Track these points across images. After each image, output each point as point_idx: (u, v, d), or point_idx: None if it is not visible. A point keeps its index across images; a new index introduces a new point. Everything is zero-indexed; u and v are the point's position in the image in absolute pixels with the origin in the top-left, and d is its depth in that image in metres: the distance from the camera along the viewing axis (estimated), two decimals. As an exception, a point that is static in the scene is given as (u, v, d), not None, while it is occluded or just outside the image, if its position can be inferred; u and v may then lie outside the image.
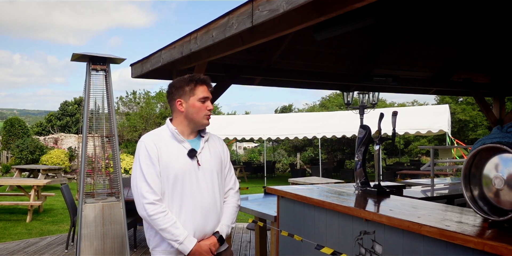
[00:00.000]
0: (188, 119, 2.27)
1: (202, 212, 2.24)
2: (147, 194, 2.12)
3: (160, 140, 2.23)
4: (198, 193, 2.24)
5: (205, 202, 2.25)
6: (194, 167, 2.24)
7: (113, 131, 4.27)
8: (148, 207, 2.11)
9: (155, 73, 4.66)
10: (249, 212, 4.21)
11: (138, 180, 2.16)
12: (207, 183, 2.28)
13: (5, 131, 21.60)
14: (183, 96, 2.26)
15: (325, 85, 5.95)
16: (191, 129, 2.30)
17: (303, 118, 18.67)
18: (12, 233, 7.52)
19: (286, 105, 49.64)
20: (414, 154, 23.35)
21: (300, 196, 3.18)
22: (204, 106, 2.27)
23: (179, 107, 2.26)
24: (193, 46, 3.14)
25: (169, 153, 2.20)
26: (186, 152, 2.23)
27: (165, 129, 2.30)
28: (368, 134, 3.48)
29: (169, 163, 2.19)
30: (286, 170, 22.97)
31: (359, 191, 3.42)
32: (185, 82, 2.27)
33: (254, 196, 5.00)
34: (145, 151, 2.18)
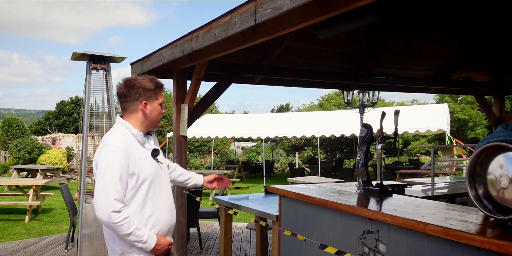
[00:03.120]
0: (148, 120, 2.34)
1: (170, 209, 2.40)
2: (115, 202, 2.13)
3: (129, 147, 2.24)
4: (165, 191, 2.39)
5: (170, 198, 2.42)
6: (158, 167, 2.35)
7: (114, 130, 4.25)
8: (114, 215, 2.12)
9: (156, 72, 4.62)
10: (250, 211, 4.19)
11: (109, 185, 2.15)
12: (166, 180, 2.44)
13: (3, 131, 21.53)
14: (149, 98, 2.30)
15: (325, 84, 5.94)
16: (146, 129, 2.38)
17: (301, 117, 18.66)
18: (11, 233, 7.49)
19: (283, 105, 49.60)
20: (413, 153, 23.38)
21: (302, 195, 3.16)
22: (161, 110, 2.40)
23: (144, 109, 2.30)
24: (194, 44, 3.12)
25: (139, 158, 2.25)
26: (149, 153, 2.31)
27: (127, 132, 2.29)
28: (370, 133, 3.47)
29: (142, 168, 2.24)
30: (285, 170, 22.96)
31: (361, 190, 3.41)
32: (152, 85, 2.32)
33: (254, 196, 4.98)
34: (120, 158, 2.18)
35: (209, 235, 7.01)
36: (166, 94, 27.64)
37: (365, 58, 5.61)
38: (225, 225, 4.60)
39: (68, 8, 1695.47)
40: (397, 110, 3.43)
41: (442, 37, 5.71)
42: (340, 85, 6.14)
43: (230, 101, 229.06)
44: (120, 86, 2.34)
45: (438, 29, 5.56)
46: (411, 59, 6.01)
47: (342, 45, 5.35)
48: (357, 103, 8.72)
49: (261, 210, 3.98)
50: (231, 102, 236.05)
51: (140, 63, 4.44)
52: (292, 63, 5.30)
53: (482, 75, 6.60)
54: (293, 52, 5.18)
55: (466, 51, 6.07)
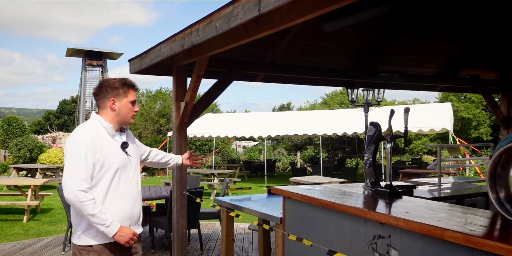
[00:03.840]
0: (118, 116, 2.55)
1: (133, 200, 2.55)
2: (82, 182, 2.31)
3: (98, 135, 2.45)
4: (130, 182, 2.55)
5: (135, 190, 2.58)
6: (127, 159, 2.54)
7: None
8: (80, 194, 2.29)
9: (155, 69, 4.48)
10: (253, 213, 4.04)
11: (76, 166, 2.33)
12: (134, 172, 2.61)
13: (3, 130, 21.41)
14: (117, 96, 2.53)
15: (329, 81, 5.78)
16: (119, 125, 2.58)
17: (303, 116, 18.49)
18: (9, 234, 7.36)
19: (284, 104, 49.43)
20: (415, 152, 23.19)
21: (308, 197, 3.01)
22: (132, 107, 2.59)
23: (112, 106, 2.52)
24: (194, 38, 2.96)
25: (107, 147, 2.45)
26: (119, 145, 2.52)
27: (98, 125, 2.50)
28: (378, 131, 3.33)
29: (108, 157, 2.42)
30: (286, 169, 22.81)
31: (369, 191, 3.26)
32: (119, 84, 2.54)
33: (257, 197, 4.83)
34: (87, 143, 2.37)
35: (210, 236, 6.86)
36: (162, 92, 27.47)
37: (370, 55, 5.45)
38: (226, 227, 4.45)
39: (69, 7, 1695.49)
40: (407, 108, 3.28)
41: (449, 34, 5.54)
42: (345, 82, 5.97)
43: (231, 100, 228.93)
44: (95, 86, 2.63)
45: (444, 26, 5.40)
46: (417, 56, 5.84)
47: (347, 41, 5.19)
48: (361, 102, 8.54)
49: (264, 212, 3.83)
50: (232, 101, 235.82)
51: (138, 59, 4.28)
52: (296, 60, 5.14)
53: (490, 72, 6.43)
54: (296, 49, 5.02)
55: (473, 48, 5.90)
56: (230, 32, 2.96)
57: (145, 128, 24.83)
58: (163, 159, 3.09)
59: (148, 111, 25.40)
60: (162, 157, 3.08)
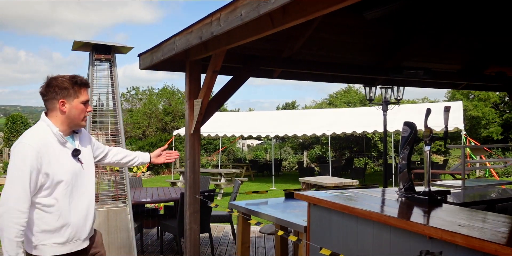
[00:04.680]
0: (69, 119, 2.33)
1: (85, 210, 2.40)
2: (19, 201, 2.13)
3: (45, 144, 2.23)
4: (83, 190, 2.39)
5: (88, 199, 2.43)
6: (79, 167, 2.36)
7: (119, 127, 3.83)
8: (14, 212, 2.11)
9: (166, 64, 4.20)
10: (271, 219, 3.76)
11: (16, 183, 2.15)
12: (89, 179, 2.45)
13: (7, 128, 21.23)
14: (67, 97, 2.30)
15: (349, 78, 5.47)
16: (70, 128, 2.37)
17: (311, 115, 18.19)
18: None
19: (288, 102, 49.12)
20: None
21: (339, 205, 2.72)
22: (85, 108, 2.36)
23: (61, 108, 2.30)
24: (215, 28, 2.67)
25: (57, 158, 2.25)
26: (70, 152, 2.33)
27: (47, 130, 2.29)
28: (414, 132, 3.04)
29: (58, 168, 2.25)
30: (293, 168, 22.51)
31: (402, 198, 2.97)
32: (69, 84, 2.30)
33: (274, 201, 4.54)
34: (31, 157, 2.17)
35: (220, 239, 6.58)
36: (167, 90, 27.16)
37: (393, 51, 5.14)
38: (242, 233, 4.17)
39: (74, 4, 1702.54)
40: (448, 107, 3.00)
41: (474, 29, 5.23)
42: (365, 79, 5.67)
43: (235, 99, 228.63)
44: (42, 85, 2.34)
45: (469, 21, 5.08)
46: (441, 52, 5.53)
47: (369, 36, 4.89)
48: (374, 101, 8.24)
49: (285, 219, 3.54)
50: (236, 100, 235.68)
51: (149, 53, 3.99)
52: (314, 55, 4.84)
53: (516, 70, 6.11)
54: (315, 44, 4.73)
55: (499, 44, 5.59)
56: (254, 22, 2.68)
57: (149, 126, 24.57)
58: (124, 159, 2.83)
59: (151, 109, 25.14)
60: (123, 157, 2.83)
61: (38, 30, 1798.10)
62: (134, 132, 23.95)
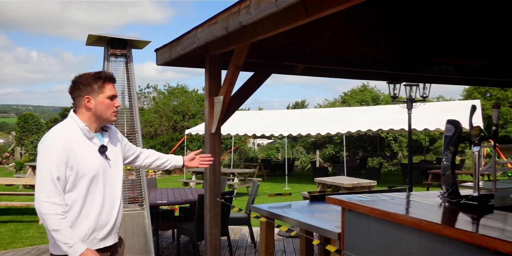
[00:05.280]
0: (96, 115, 2.31)
1: (110, 207, 2.34)
2: (50, 193, 2.12)
3: (72, 139, 2.22)
4: (110, 187, 2.34)
5: (115, 197, 2.37)
6: (106, 163, 2.32)
7: (136, 127, 3.61)
8: (45, 206, 2.10)
9: (185, 60, 3.97)
10: (298, 224, 3.51)
11: (44, 177, 2.14)
12: (115, 177, 2.38)
13: (19, 127, 21.23)
14: (91, 93, 2.29)
15: (374, 74, 5.19)
16: (98, 125, 2.35)
17: (324, 114, 17.90)
18: (24, 237, 6.98)
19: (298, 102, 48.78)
20: (439, 151, 22.39)
21: (380, 211, 2.47)
22: (112, 103, 2.33)
23: (87, 104, 2.29)
24: (243, 18, 2.43)
25: (82, 152, 2.23)
26: (97, 148, 2.29)
27: (74, 125, 2.29)
28: (459, 132, 2.78)
29: (83, 162, 2.22)
30: (305, 168, 22.23)
31: (446, 203, 2.72)
32: (93, 80, 2.29)
33: (298, 204, 4.31)
34: (57, 150, 2.16)
35: (238, 242, 6.35)
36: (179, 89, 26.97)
37: (421, 46, 4.87)
38: (266, 238, 3.93)
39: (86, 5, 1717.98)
40: (498, 103, 2.73)
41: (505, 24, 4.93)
42: (391, 75, 5.40)
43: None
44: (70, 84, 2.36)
45: (499, 14, 4.79)
46: (470, 47, 5.24)
47: (398, 29, 4.63)
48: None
49: (314, 224, 3.29)
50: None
51: (167, 48, 3.77)
52: (340, 50, 4.59)
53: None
54: (341, 38, 4.48)
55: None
56: (285, 11, 2.44)
57: (161, 125, 24.44)
58: (156, 161, 2.74)
59: (163, 108, 24.99)
60: (154, 159, 2.74)
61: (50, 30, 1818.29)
62: (146, 131, 23.84)
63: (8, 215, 8.79)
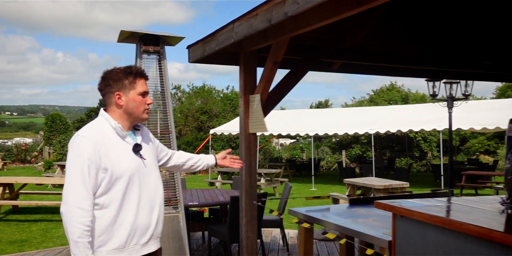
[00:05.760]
0: (127, 113, 2.19)
1: (149, 208, 2.20)
2: (80, 198, 1.97)
3: (104, 138, 2.09)
4: (147, 190, 2.20)
5: (153, 198, 2.22)
6: (141, 163, 2.19)
7: (170, 126, 3.48)
8: (75, 211, 1.96)
9: (218, 57, 3.81)
10: (341, 230, 3.30)
11: (75, 179, 2.00)
12: (152, 177, 2.24)
13: (47, 127, 21.57)
14: (122, 89, 2.16)
15: (414, 71, 4.93)
16: (130, 123, 2.22)
17: (350, 113, 17.57)
18: (54, 236, 6.99)
19: (321, 101, 48.37)
20: (471, 152, 21.76)
21: (439, 218, 2.25)
22: (144, 100, 2.21)
23: (118, 101, 2.16)
24: (290, 8, 2.25)
25: (115, 152, 2.09)
26: (130, 147, 2.16)
27: (106, 124, 2.15)
28: (524, 131, 2.54)
29: (118, 163, 2.08)
30: (331, 168, 21.91)
31: (509, 210, 2.48)
32: (123, 75, 2.17)
33: (337, 207, 4.11)
34: (89, 150, 2.02)
35: (269, 245, 6.17)
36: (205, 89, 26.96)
37: (467, 41, 4.59)
38: (304, 243, 3.74)
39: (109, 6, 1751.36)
40: None
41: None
42: (433, 72, 5.13)
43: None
44: (99, 80, 2.23)
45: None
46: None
47: (440, 23, 4.36)
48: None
49: (359, 230, 3.08)
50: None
51: (200, 44, 3.61)
52: (379, 46, 4.37)
53: None
54: (382, 32, 4.25)
55: None
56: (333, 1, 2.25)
57: (186, 125, 24.48)
58: (189, 161, 2.62)
59: (188, 108, 25.03)
60: (187, 159, 2.62)
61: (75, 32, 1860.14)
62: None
63: (39, 214, 8.85)
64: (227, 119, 23.56)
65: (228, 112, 26.07)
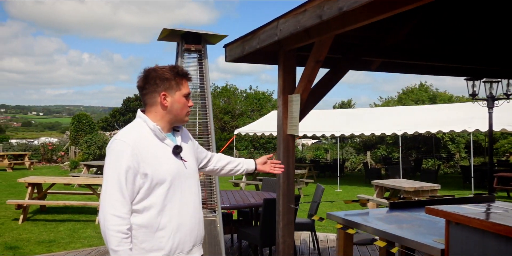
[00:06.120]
0: (171, 114, 2.09)
1: (193, 213, 2.11)
2: (117, 204, 1.89)
3: (142, 141, 1.99)
4: (189, 191, 2.11)
5: (194, 200, 2.13)
6: (181, 166, 2.09)
7: (209, 128, 3.39)
8: (111, 219, 1.87)
9: (257, 56, 3.71)
10: (385, 236, 3.17)
11: (111, 185, 1.91)
12: (193, 180, 2.15)
13: (73, 127, 21.87)
14: (168, 89, 2.06)
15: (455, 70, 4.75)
16: (171, 125, 2.13)
17: (376, 113, 17.27)
18: (82, 237, 6.99)
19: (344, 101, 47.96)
20: (500, 153, 21.17)
21: (502, 227, 2.10)
22: (187, 102, 2.12)
23: (163, 101, 2.06)
24: (345, 2, 2.13)
25: (155, 155, 2.00)
26: (170, 150, 2.06)
27: (144, 126, 2.06)
28: None
29: (158, 167, 1.98)
30: (355, 169, 21.62)
31: None
32: (171, 74, 2.06)
33: (376, 212, 3.96)
34: (127, 155, 1.93)
35: (300, 249, 6.05)
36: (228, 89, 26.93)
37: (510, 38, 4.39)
38: (344, 249, 3.61)
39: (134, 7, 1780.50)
40: None
41: None
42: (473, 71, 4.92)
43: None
44: (138, 78, 2.10)
45: None
46: None
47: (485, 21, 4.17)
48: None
49: (406, 237, 2.94)
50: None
51: (239, 43, 3.52)
52: (421, 44, 4.20)
53: None
54: (425, 29, 4.09)
55: None
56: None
57: (209, 126, 24.49)
58: (228, 165, 2.50)
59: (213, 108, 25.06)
60: (226, 163, 2.50)
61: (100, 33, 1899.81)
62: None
63: (66, 214, 8.91)
64: (252, 119, 23.50)
65: (252, 112, 26.02)
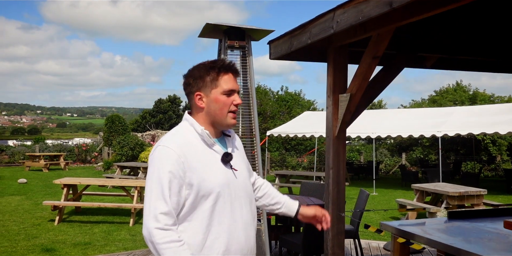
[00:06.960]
0: (210, 117, 1.86)
1: (244, 227, 1.88)
2: (160, 217, 1.69)
3: (189, 147, 1.78)
4: (239, 203, 1.87)
5: (246, 214, 1.89)
6: (232, 175, 1.86)
7: (254, 130, 3.15)
8: (156, 233, 1.67)
9: (303, 52, 3.45)
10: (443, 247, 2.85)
11: (155, 196, 1.71)
12: (245, 191, 1.92)
13: (107, 128, 22.12)
14: (203, 88, 1.84)
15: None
16: (215, 129, 1.90)
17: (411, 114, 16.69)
18: (116, 239, 6.90)
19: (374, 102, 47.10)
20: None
21: None
22: (229, 100, 1.85)
23: (198, 102, 1.85)
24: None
25: (202, 164, 1.78)
26: (219, 157, 1.85)
27: (190, 130, 1.84)
28: None
29: (205, 176, 1.77)
30: (389, 172, 21.01)
31: None
32: (205, 71, 1.83)
33: (433, 221, 3.64)
34: (172, 162, 1.73)
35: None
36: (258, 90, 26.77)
37: None
38: (401, 263, 3.31)
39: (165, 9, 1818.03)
40: None
41: None
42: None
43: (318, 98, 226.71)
44: None
45: None
46: None
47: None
48: None
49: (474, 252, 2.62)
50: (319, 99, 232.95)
51: (287, 38, 3.26)
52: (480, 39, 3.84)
53: None
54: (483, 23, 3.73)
55: None
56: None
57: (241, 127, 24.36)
58: (267, 199, 2.14)
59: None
60: (264, 194, 2.15)
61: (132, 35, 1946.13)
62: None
63: (100, 215, 8.88)
64: (283, 120, 23.24)
65: (283, 113, 25.74)
